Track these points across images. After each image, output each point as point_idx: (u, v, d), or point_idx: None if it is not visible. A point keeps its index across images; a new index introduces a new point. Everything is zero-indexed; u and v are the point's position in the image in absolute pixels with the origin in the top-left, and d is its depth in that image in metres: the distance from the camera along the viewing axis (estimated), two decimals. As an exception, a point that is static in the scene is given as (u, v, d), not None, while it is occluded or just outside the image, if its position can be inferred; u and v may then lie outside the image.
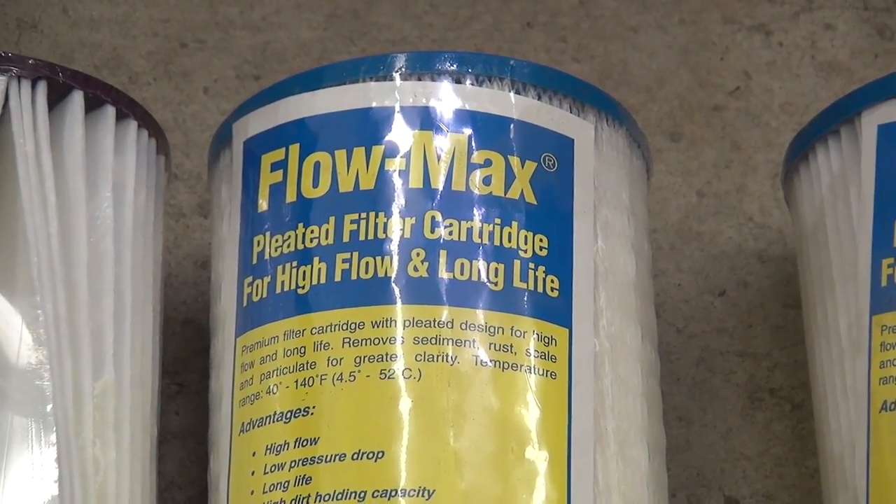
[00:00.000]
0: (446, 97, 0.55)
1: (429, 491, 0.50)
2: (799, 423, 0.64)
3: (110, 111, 0.56)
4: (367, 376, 0.52)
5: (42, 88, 0.54)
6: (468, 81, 0.55)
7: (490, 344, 0.52)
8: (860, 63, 0.70)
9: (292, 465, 0.51)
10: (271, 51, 0.69)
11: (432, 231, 0.53)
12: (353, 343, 0.52)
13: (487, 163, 0.54)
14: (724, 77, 0.69)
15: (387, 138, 0.54)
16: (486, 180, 0.54)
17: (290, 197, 0.54)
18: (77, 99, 0.55)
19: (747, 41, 0.71)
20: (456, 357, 0.52)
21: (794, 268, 0.64)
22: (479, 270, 0.53)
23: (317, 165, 0.54)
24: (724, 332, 0.66)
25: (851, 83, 0.63)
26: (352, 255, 0.53)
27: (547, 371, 0.52)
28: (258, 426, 0.53)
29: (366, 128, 0.54)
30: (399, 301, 0.52)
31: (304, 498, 0.51)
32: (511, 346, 0.52)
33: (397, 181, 0.54)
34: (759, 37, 0.71)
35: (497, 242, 0.53)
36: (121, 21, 0.69)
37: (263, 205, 0.55)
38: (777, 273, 0.66)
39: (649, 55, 0.70)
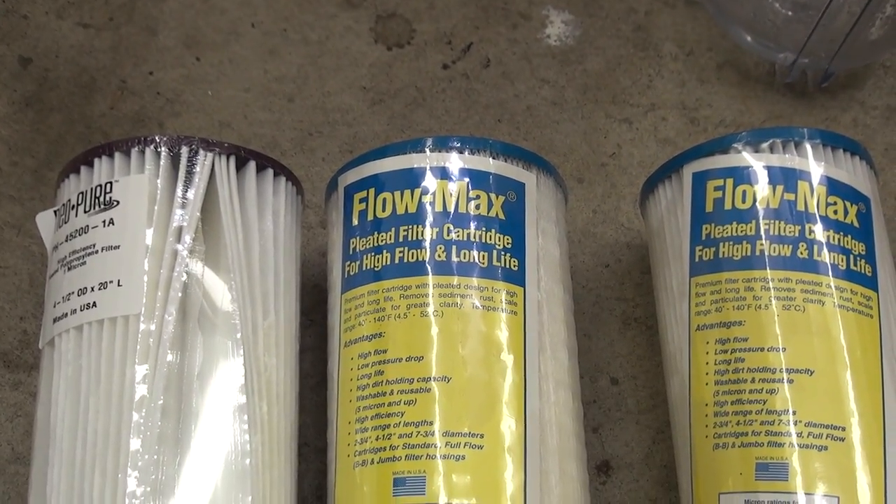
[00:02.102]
0: (454, 161, 0.55)
1: (447, 378, 0.51)
2: (650, 337, 0.65)
3: (270, 171, 0.56)
4: (413, 315, 0.52)
5: (232, 160, 0.54)
6: (466, 152, 0.55)
7: (480, 297, 0.52)
8: (681, 139, 0.71)
9: (373, 364, 0.52)
10: (358, 137, 0.69)
11: (447, 235, 0.53)
12: (405, 297, 0.52)
13: (478, 197, 0.54)
14: (606, 147, 0.70)
15: (422, 184, 0.54)
16: (478, 206, 0.54)
17: (370, 217, 0.55)
18: (251, 165, 0.55)
19: (619, 127, 0.71)
20: (461, 304, 0.52)
21: (646, 252, 0.64)
22: (474, 256, 0.53)
23: (384, 199, 0.55)
24: (608, 287, 0.67)
25: (676, 150, 0.63)
26: (404, 249, 0.53)
27: (512, 311, 0.53)
28: (354, 343, 0.53)
29: (410, 178, 0.55)
30: (430, 274, 0.53)
31: (379, 382, 0.52)
32: (492, 297, 0.53)
33: (428, 208, 0.54)
34: (625, 125, 0.71)
35: (483, 240, 0.54)
36: (275, 121, 0.68)
37: (355, 221, 0.55)
38: (637, 254, 0.67)
39: (565, 136, 0.70)
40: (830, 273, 0.54)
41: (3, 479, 0.59)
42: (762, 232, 0.55)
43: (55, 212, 0.56)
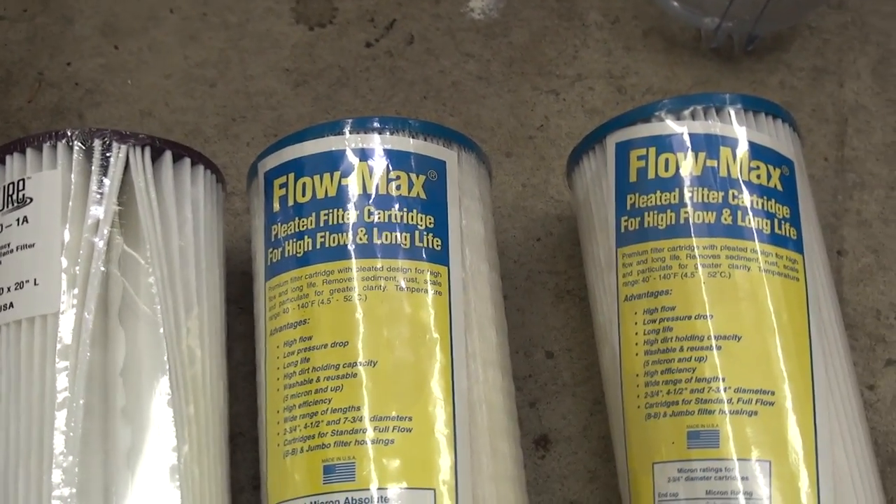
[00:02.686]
0: (374, 142, 0.54)
1: (374, 362, 0.50)
2: (583, 309, 0.64)
3: (187, 161, 0.55)
4: (337, 300, 0.52)
5: (148, 151, 0.54)
6: (387, 133, 0.55)
7: (405, 278, 0.52)
8: (608, 109, 0.71)
9: (298, 351, 0.52)
10: (283, 120, 0.68)
11: (369, 217, 0.53)
12: (328, 282, 0.52)
13: (398, 177, 0.54)
14: (533, 120, 0.69)
15: (342, 167, 0.54)
16: (398, 187, 0.54)
17: (290, 202, 0.54)
18: (167, 156, 0.54)
19: (546, 99, 0.71)
20: (385, 287, 0.52)
21: (576, 223, 0.63)
22: (396, 237, 0.53)
23: (304, 184, 0.54)
24: (540, 260, 0.66)
25: (604, 120, 0.63)
26: (325, 233, 0.53)
27: (437, 291, 0.52)
28: (279, 331, 0.53)
29: (330, 161, 0.54)
30: (353, 257, 0.52)
31: (305, 370, 0.51)
32: (416, 278, 0.52)
33: (349, 191, 0.53)
34: (552, 96, 0.71)
35: (405, 221, 0.53)
36: (198, 108, 0.67)
37: (276, 207, 0.55)
38: (568, 227, 0.67)
39: (492, 110, 0.70)
40: (755, 238, 0.54)
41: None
42: (686, 200, 0.55)
43: (-33, 211, 0.55)
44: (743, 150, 0.56)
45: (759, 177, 0.55)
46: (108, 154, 0.52)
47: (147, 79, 0.70)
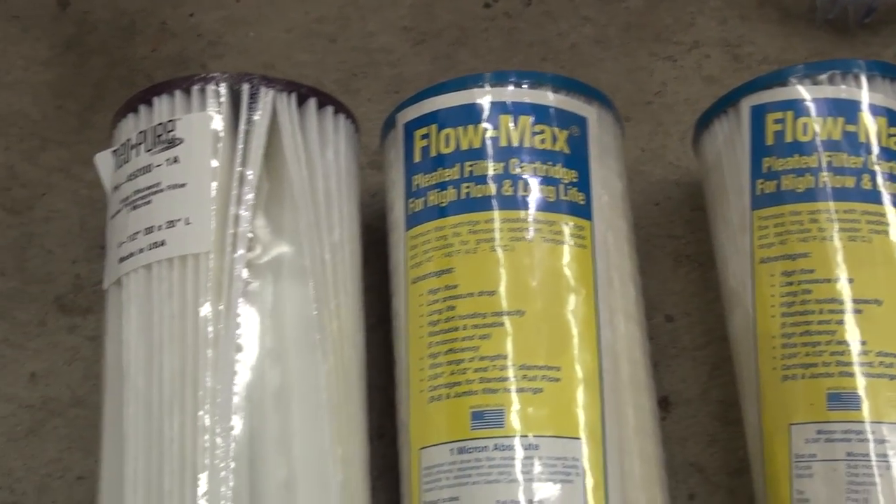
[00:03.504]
0: (517, 95, 0.55)
1: (521, 311, 0.51)
2: (703, 274, 0.64)
3: (330, 109, 0.56)
4: (482, 250, 0.52)
5: (293, 97, 0.54)
6: (525, 86, 0.55)
7: (549, 230, 0.52)
8: (725, 76, 0.70)
9: (443, 299, 0.52)
10: (402, 78, 0.68)
11: (513, 169, 0.53)
12: (473, 232, 0.52)
13: (542, 131, 0.54)
14: (651, 86, 0.69)
15: (484, 119, 0.54)
16: (542, 141, 0.54)
17: (432, 153, 0.54)
18: (312, 102, 0.55)
19: (663, 65, 0.71)
20: (531, 238, 0.52)
21: (696, 189, 0.64)
22: (541, 190, 0.53)
23: (447, 135, 0.54)
24: (658, 224, 0.66)
25: (721, 88, 0.63)
26: (470, 184, 0.53)
27: (581, 244, 0.53)
28: (421, 279, 0.53)
29: (472, 113, 0.54)
30: (497, 208, 0.52)
31: (451, 317, 0.51)
32: (561, 231, 0.52)
33: (492, 143, 0.54)
34: (669, 63, 0.71)
35: (550, 175, 0.53)
36: (318, 62, 0.68)
37: (417, 158, 0.55)
38: (686, 191, 0.67)
39: (609, 74, 0.70)
40: (894, 203, 0.54)
41: (65, 421, 0.59)
42: (824, 164, 0.55)
43: (114, 152, 0.55)
44: (880, 116, 0.55)
45: (898, 143, 0.55)
46: (256, 98, 0.53)
47: (268, 32, 0.70)
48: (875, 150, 0.55)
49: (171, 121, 0.53)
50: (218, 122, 0.52)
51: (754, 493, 0.55)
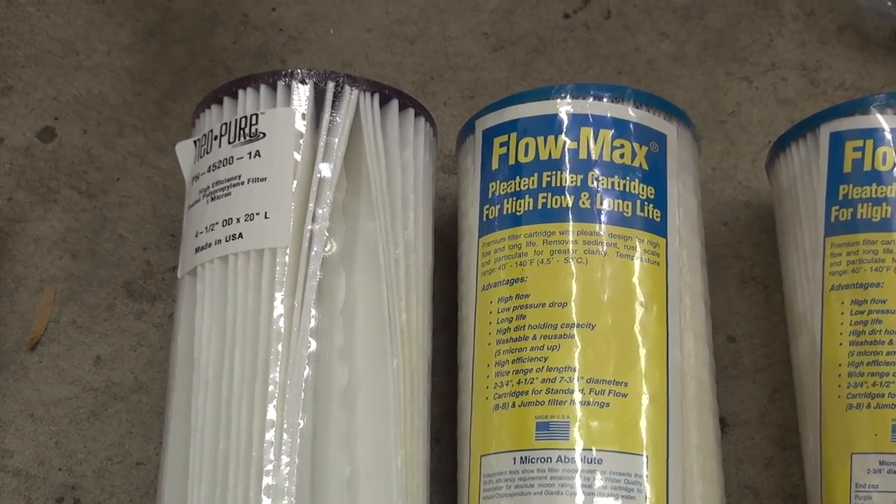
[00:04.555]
0: (596, 109, 0.55)
1: (591, 325, 0.51)
2: (767, 296, 0.64)
3: (411, 111, 0.56)
4: (556, 261, 0.52)
5: (377, 97, 0.54)
6: (606, 100, 0.55)
7: (624, 245, 0.52)
8: (801, 100, 0.70)
9: (514, 308, 0.52)
10: (479, 83, 0.68)
11: (591, 182, 0.53)
12: (548, 242, 0.52)
13: (622, 146, 0.54)
14: (725, 105, 0.69)
15: (565, 130, 0.54)
16: (622, 155, 0.54)
17: (511, 161, 0.54)
18: (394, 103, 0.55)
19: (739, 85, 0.70)
20: (604, 252, 0.52)
21: (765, 211, 0.64)
22: (618, 205, 0.53)
23: (527, 144, 0.54)
24: (726, 245, 0.66)
25: (795, 111, 0.63)
26: (547, 194, 0.53)
27: (655, 261, 0.52)
28: (492, 287, 0.53)
29: (553, 124, 0.54)
30: (572, 220, 0.52)
31: (521, 326, 0.51)
32: (635, 246, 0.52)
33: (572, 154, 0.54)
34: (745, 83, 0.70)
35: (628, 189, 0.53)
36: (397, 63, 0.68)
37: (495, 165, 0.55)
38: (755, 213, 0.66)
39: (685, 91, 0.69)
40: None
41: (127, 406, 0.60)
42: (901, 194, 0.54)
43: (195, 142, 0.55)
44: (959, 149, 0.55)
45: (982, 176, 0.55)
46: (339, 96, 0.53)
47: (348, 31, 0.70)
48: (954, 183, 0.54)
49: (255, 115, 0.53)
50: (301, 119, 0.52)
51: (810, 521, 0.54)
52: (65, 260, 0.63)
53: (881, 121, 0.56)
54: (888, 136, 0.55)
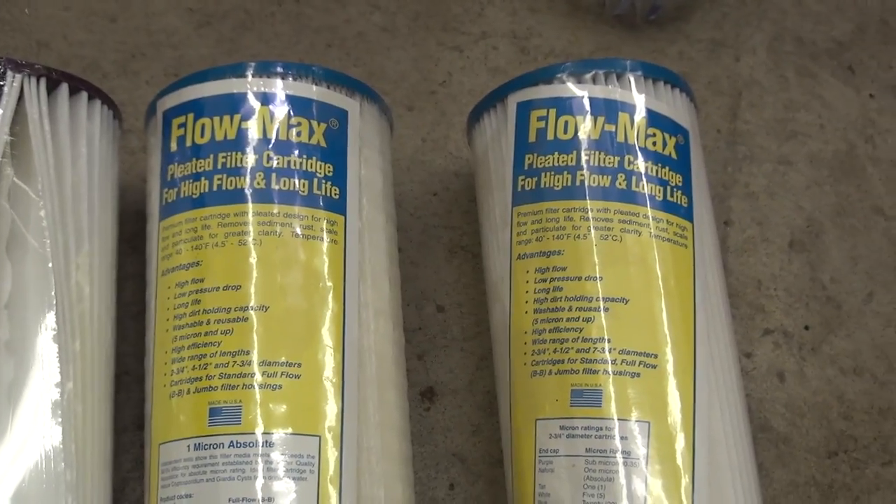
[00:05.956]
0: (277, 87, 0.53)
1: (265, 307, 0.50)
2: (476, 265, 0.64)
3: (84, 95, 0.54)
4: (231, 243, 0.51)
5: (44, 82, 0.52)
6: (290, 78, 0.54)
7: (301, 225, 0.51)
8: (511, 68, 0.70)
9: (189, 293, 0.51)
10: (184, 60, 0.66)
11: (268, 162, 0.52)
12: (223, 225, 0.51)
13: (299, 124, 0.53)
14: (436, 75, 0.69)
15: (243, 110, 0.53)
16: (299, 133, 0.53)
17: (188, 143, 0.53)
18: (64, 88, 0.53)
19: (450, 55, 0.70)
20: (281, 232, 0.51)
21: (474, 180, 0.63)
22: (294, 184, 0.52)
23: (203, 125, 0.53)
24: (436, 215, 0.66)
25: (506, 79, 0.62)
26: (223, 176, 0.52)
27: (333, 239, 0.52)
28: (171, 272, 0.52)
29: (231, 104, 0.53)
30: (250, 201, 0.51)
31: (196, 311, 0.50)
32: (312, 226, 0.52)
33: (249, 134, 0.53)
34: (456, 53, 0.70)
35: (304, 168, 0.52)
36: (97, 42, 0.66)
37: (174, 147, 0.54)
38: (465, 183, 0.67)
39: (396, 63, 0.69)
40: (648, 204, 0.54)
41: None
42: (583, 163, 0.55)
43: None
44: (641, 116, 0.56)
45: (654, 144, 0.56)
46: (1, 83, 0.51)
47: (45, 9, 0.68)
48: (632, 149, 0.55)
49: None
50: (-41, 110, 0.50)
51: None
52: None
53: (564, 89, 0.56)
54: (570, 104, 0.56)
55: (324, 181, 0.53)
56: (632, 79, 0.57)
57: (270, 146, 0.52)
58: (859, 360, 0.64)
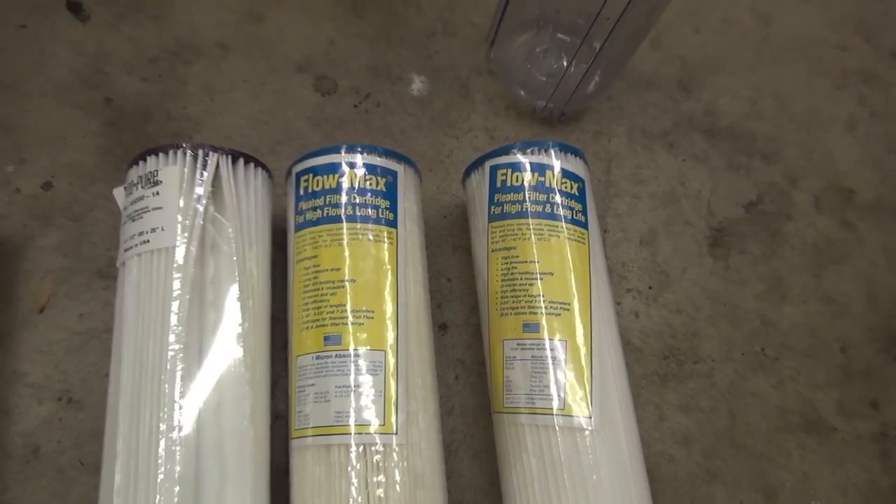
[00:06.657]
0: (357, 159, 0.53)
1: (354, 280, 0.49)
2: (468, 256, 0.63)
3: (252, 164, 0.53)
4: (334, 245, 0.50)
5: (229, 157, 0.51)
6: (364, 153, 0.53)
7: (372, 234, 0.50)
8: (485, 147, 0.69)
9: (311, 273, 0.50)
10: (306, 147, 0.65)
11: (353, 199, 0.51)
12: (329, 234, 0.50)
13: (370, 178, 0.52)
14: (444, 152, 0.67)
15: (338, 171, 0.52)
16: (370, 183, 0.52)
17: (309, 189, 0.52)
18: (241, 161, 0.52)
19: (451, 141, 0.69)
20: (361, 238, 0.50)
21: (466, 209, 0.62)
22: (368, 211, 0.51)
23: (318, 180, 0.52)
24: (445, 228, 0.64)
25: (483, 153, 0.61)
26: (328, 208, 0.51)
27: (390, 242, 0.51)
28: (301, 261, 0.51)
29: (332, 168, 0.52)
30: (344, 221, 0.50)
31: (315, 282, 0.49)
32: (378, 234, 0.50)
33: (342, 184, 0.52)
34: (454, 139, 0.69)
35: (373, 203, 0.51)
36: (258, 136, 0.64)
37: (301, 192, 0.53)
38: (460, 211, 0.65)
39: (422, 145, 0.67)
40: (563, 220, 0.54)
41: (100, 342, 0.56)
42: (527, 198, 0.54)
43: (124, 188, 0.52)
44: (557, 172, 0.55)
45: (566, 187, 0.55)
46: (206, 158, 0.50)
47: (227, 118, 0.66)
48: (554, 191, 0.54)
49: (155, 170, 0.50)
50: (182, 172, 0.49)
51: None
52: (59, 259, 0.58)
53: (516, 158, 0.55)
54: (520, 166, 0.55)
55: (384, 210, 0.52)
56: (552, 151, 0.56)
57: (354, 191, 0.51)
58: (680, 306, 0.63)
